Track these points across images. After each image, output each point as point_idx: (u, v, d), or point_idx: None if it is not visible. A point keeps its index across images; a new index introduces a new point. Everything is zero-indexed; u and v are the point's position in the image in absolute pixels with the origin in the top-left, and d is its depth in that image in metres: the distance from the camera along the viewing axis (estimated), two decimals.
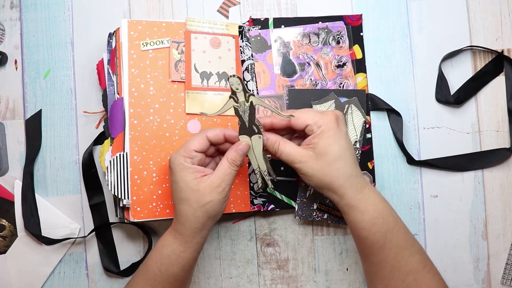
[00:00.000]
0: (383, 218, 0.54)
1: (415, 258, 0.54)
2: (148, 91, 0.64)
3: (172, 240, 0.56)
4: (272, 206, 0.67)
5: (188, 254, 0.56)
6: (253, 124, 0.57)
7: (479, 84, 0.69)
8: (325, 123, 0.55)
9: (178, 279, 0.57)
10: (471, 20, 0.70)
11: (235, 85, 0.55)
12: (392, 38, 0.70)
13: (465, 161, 0.69)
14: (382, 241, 0.54)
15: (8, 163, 0.68)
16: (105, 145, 0.65)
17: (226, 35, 0.67)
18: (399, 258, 0.54)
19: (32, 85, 0.69)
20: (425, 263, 0.55)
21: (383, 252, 0.54)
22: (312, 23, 0.69)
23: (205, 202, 0.54)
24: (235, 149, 0.56)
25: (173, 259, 0.56)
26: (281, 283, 0.69)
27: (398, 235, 0.54)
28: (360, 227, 0.54)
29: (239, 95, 0.56)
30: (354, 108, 0.67)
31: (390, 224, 0.54)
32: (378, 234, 0.54)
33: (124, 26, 0.64)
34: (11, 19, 0.69)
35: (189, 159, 0.55)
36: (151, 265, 0.57)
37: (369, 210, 0.54)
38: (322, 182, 0.55)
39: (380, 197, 0.56)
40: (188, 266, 0.57)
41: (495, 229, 0.69)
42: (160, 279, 0.56)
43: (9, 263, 0.67)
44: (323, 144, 0.54)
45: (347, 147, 0.55)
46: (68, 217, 0.68)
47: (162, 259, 0.56)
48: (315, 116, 0.55)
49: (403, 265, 0.54)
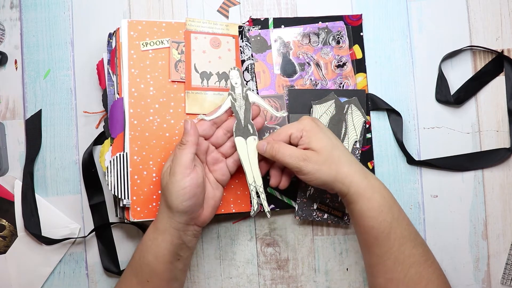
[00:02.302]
0: (389, 206, 0.55)
1: (418, 250, 0.54)
2: (148, 91, 0.64)
3: (150, 227, 0.58)
4: (272, 206, 0.67)
5: (160, 242, 0.56)
6: (248, 123, 0.57)
7: (479, 84, 0.69)
8: (305, 124, 0.58)
9: (154, 271, 0.56)
10: (471, 20, 0.70)
11: (234, 79, 0.57)
12: (392, 38, 0.70)
13: (465, 161, 0.69)
14: (388, 230, 0.54)
15: (8, 163, 0.68)
16: (105, 145, 0.65)
17: (226, 35, 0.67)
18: (403, 249, 0.54)
19: (32, 85, 0.69)
20: (427, 256, 0.55)
21: (388, 242, 0.54)
22: (312, 23, 0.69)
23: (164, 184, 0.56)
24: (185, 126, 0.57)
25: (148, 246, 0.57)
26: (281, 283, 0.69)
27: (402, 225, 0.55)
28: (368, 216, 0.54)
29: (237, 89, 0.56)
30: (354, 108, 0.67)
31: (395, 213, 0.55)
32: (384, 223, 0.54)
33: (124, 26, 0.64)
34: (11, 19, 0.69)
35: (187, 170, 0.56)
36: (135, 253, 0.59)
37: (376, 197, 0.54)
38: (329, 174, 0.55)
39: (383, 184, 0.57)
40: (161, 257, 0.56)
41: (495, 229, 0.69)
42: (140, 268, 0.57)
43: (9, 263, 0.67)
44: (316, 140, 0.57)
45: (334, 137, 0.59)
46: (68, 217, 0.68)
47: (142, 246, 0.58)
48: (293, 125, 0.59)
49: (407, 257, 0.54)
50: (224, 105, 0.58)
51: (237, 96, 0.57)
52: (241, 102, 0.57)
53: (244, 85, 0.57)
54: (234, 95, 0.57)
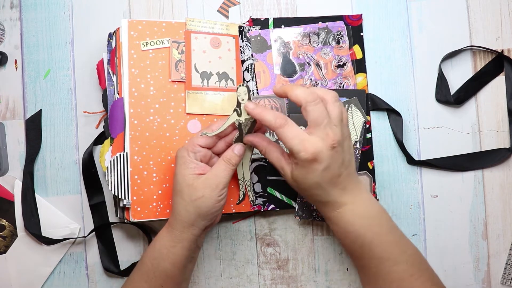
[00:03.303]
0: (357, 234, 0.53)
1: (399, 268, 0.53)
2: (148, 91, 0.64)
3: (165, 234, 0.57)
4: (272, 206, 0.67)
5: (178, 250, 0.56)
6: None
7: (479, 84, 0.69)
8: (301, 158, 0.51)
9: (170, 276, 0.56)
10: (471, 20, 0.70)
11: (241, 95, 0.56)
12: (392, 38, 0.70)
13: (465, 161, 0.69)
14: (357, 253, 0.54)
15: (8, 163, 0.68)
16: (105, 145, 0.65)
17: (226, 35, 0.67)
18: (380, 268, 0.53)
19: (32, 85, 0.69)
20: (413, 271, 0.53)
21: (362, 260, 0.55)
22: (312, 23, 0.69)
23: (196, 197, 0.54)
24: (231, 149, 0.57)
25: (164, 254, 0.56)
26: (281, 283, 0.69)
27: (378, 249, 0.53)
28: (334, 233, 0.56)
29: (243, 107, 0.56)
30: (354, 108, 0.67)
31: (366, 239, 0.53)
32: (353, 246, 0.54)
33: (124, 26, 0.64)
34: (11, 19, 0.69)
35: (192, 153, 0.56)
36: (145, 259, 0.57)
37: (340, 225, 0.54)
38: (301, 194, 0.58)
39: (358, 214, 0.54)
40: (179, 263, 0.56)
41: (495, 229, 0.69)
42: (153, 274, 0.56)
43: (9, 263, 0.67)
44: (296, 175, 0.53)
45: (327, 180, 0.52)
46: (68, 217, 0.68)
47: (155, 253, 0.57)
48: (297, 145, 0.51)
49: (386, 274, 0.53)
50: (228, 120, 0.57)
51: (243, 112, 0.57)
52: (246, 119, 0.57)
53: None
54: (240, 112, 0.57)
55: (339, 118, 0.53)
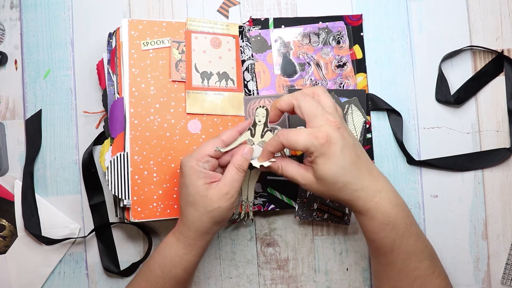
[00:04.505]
0: (393, 225, 0.53)
1: (424, 264, 0.54)
2: (149, 91, 0.64)
3: (175, 242, 0.57)
4: (272, 206, 0.67)
5: (191, 257, 0.56)
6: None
7: (479, 84, 0.69)
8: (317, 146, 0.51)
9: (180, 281, 0.57)
10: (471, 20, 0.70)
11: (259, 117, 0.57)
12: (392, 38, 0.70)
13: (465, 161, 0.69)
14: (390, 246, 0.53)
15: (8, 163, 0.68)
16: (105, 145, 0.65)
17: (226, 35, 0.67)
18: (407, 263, 0.53)
19: (32, 85, 0.69)
20: (435, 268, 0.54)
21: (391, 255, 0.54)
22: (312, 23, 0.69)
23: (212, 208, 0.55)
24: (240, 153, 0.56)
25: (176, 261, 0.56)
26: (281, 283, 0.69)
27: (407, 241, 0.53)
28: (367, 230, 0.54)
29: (258, 128, 0.57)
30: (354, 108, 0.67)
31: (399, 231, 0.53)
32: (386, 239, 0.53)
33: (124, 25, 0.64)
34: (11, 19, 0.69)
35: (201, 163, 0.56)
36: (154, 267, 0.57)
37: (378, 217, 0.53)
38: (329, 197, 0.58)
39: (393, 202, 0.54)
40: (190, 269, 0.57)
41: (495, 229, 0.69)
42: (162, 281, 0.56)
43: (9, 263, 0.67)
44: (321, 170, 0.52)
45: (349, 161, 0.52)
46: (68, 217, 0.68)
47: (165, 261, 0.57)
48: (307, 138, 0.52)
49: (412, 270, 0.53)
50: (241, 138, 0.58)
51: (257, 133, 0.58)
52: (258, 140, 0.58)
53: (266, 126, 0.58)
54: (253, 132, 0.58)
55: (333, 107, 0.55)
